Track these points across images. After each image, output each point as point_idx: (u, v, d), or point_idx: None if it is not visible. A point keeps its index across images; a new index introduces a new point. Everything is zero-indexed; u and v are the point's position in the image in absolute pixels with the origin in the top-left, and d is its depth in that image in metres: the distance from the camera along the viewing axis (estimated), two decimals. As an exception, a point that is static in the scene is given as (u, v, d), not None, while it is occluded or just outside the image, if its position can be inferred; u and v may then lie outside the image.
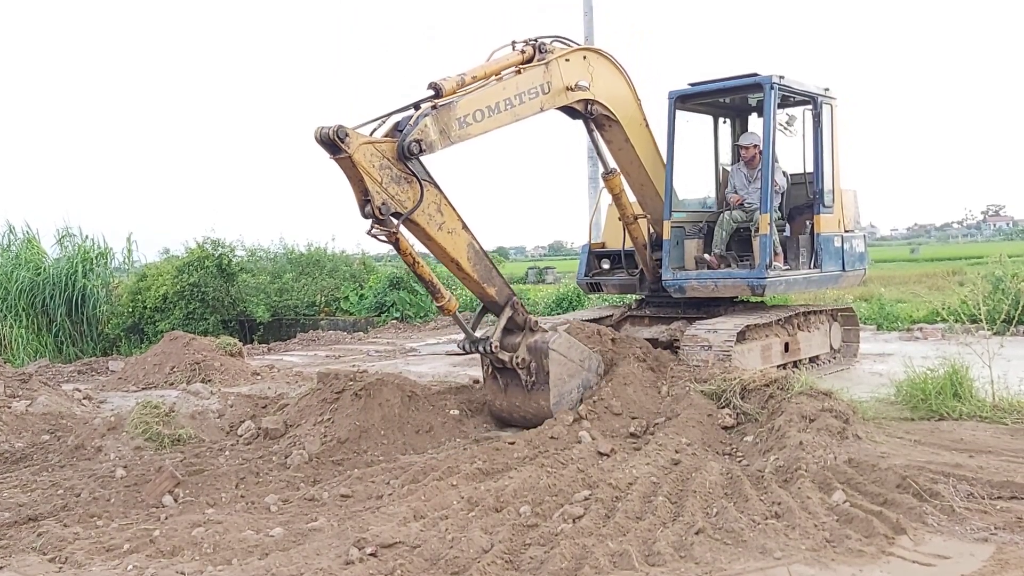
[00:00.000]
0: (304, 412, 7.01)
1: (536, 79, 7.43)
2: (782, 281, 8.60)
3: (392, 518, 4.60)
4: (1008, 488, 4.62)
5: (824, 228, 9.15)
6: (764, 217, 8.46)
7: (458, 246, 6.78)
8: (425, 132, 6.49)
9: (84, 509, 5.24)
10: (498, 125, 7.22)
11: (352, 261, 22.24)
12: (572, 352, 7.26)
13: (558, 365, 7.05)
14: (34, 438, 7.35)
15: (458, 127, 6.82)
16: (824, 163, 9.14)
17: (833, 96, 9.37)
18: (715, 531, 4.25)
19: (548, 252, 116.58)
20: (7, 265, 18.12)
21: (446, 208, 6.68)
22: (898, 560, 3.84)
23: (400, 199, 6.34)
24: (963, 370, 6.76)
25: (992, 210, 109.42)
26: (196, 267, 18.79)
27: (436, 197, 6.60)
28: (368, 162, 6.16)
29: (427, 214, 6.53)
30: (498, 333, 6.99)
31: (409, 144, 6.31)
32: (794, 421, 5.81)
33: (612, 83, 8.21)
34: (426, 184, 6.47)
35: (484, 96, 7.03)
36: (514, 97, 7.26)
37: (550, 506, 4.76)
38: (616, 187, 8.83)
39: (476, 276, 6.93)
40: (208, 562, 4.20)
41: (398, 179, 6.35)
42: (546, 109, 7.62)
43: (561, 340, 7.16)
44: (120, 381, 11.21)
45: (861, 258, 9.91)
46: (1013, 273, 11.80)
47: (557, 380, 7.03)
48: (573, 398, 7.18)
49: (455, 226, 6.74)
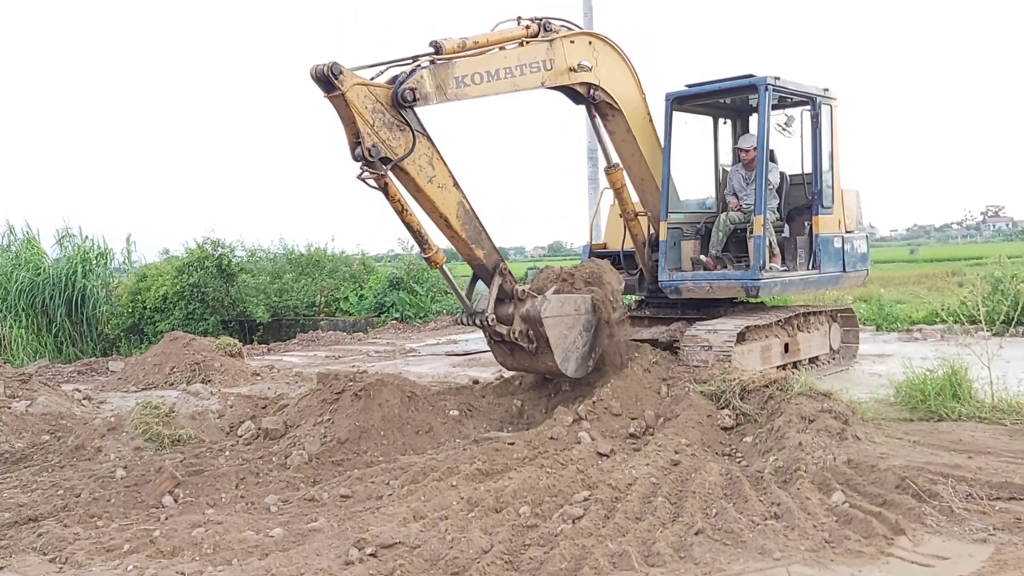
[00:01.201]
0: (304, 413, 7.01)
1: (539, 54, 7.54)
2: (777, 282, 8.59)
3: (392, 519, 4.61)
4: (1007, 489, 4.63)
5: (823, 229, 9.11)
6: (758, 218, 8.43)
7: (448, 202, 6.82)
8: (420, 83, 6.60)
9: (84, 509, 5.24)
10: (496, 91, 7.31)
11: (352, 261, 22.23)
12: (565, 308, 7.34)
13: (555, 327, 7.16)
14: (34, 438, 7.36)
15: (455, 85, 6.94)
16: (823, 163, 9.12)
17: (833, 96, 9.35)
18: (714, 532, 4.25)
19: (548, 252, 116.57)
20: (7, 265, 18.12)
21: (438, 163, 6.75)
22: (897, 561, 3.85)
23: (391, 144, 6.41)
24: (962, 371, 6.77)
25: (992, 211, 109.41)
26: (196, 267, 18.79)
27: (428, 150, 6.67)
28: (361, 103, 6.25)
29: (417, 165, 6.58)
30: (491, 304, 7.10)
31: (403, 91, 6.41)
32: (793, 422, 5.82)
33: (616, 72, 8.32)
34: (419, 135, 6.56)
35: (484, 61, 7.13)
36: (515, 67, 7.37)
37: (550, 507, 4.77)
38: (618, 181, 8.91)
39: (464, 235, 6.98)
40: (208, 562, 4.20)
41: (390, 125, 6.44)
42: (547, 85, 7.72)
43: (551, 305, 7.21)
44: (120, 381, 11.22)
45: (863, 259, 9.88)
46: (1012, 274, 11.82)
47: (558, 340, 7.17)
48: (579, 344, 7.36)
49: (446, 182, 6.80)
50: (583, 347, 7.36)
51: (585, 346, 7.40)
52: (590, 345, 7.44)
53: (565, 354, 7.23)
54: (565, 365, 7.25)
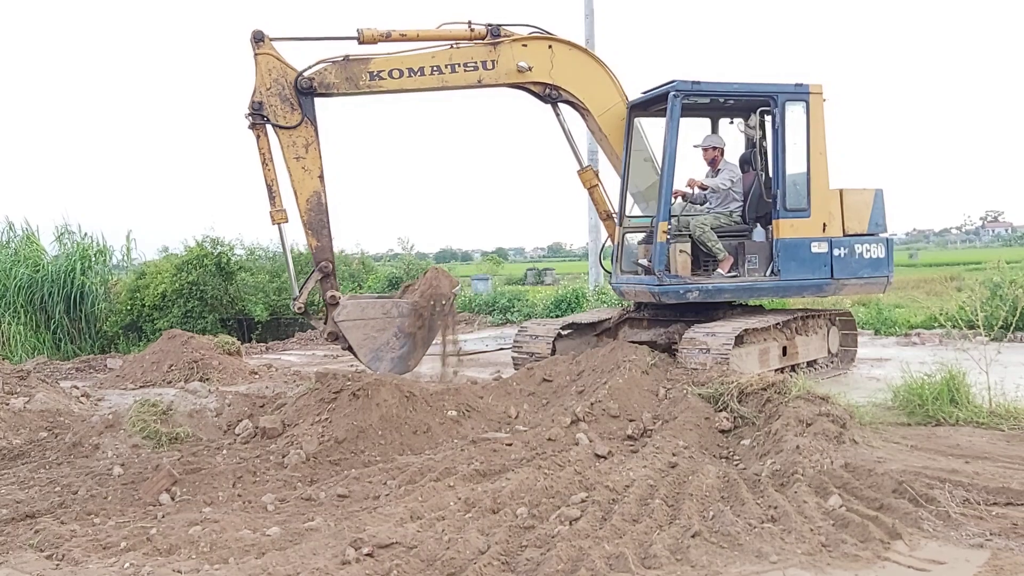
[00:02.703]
0: (302, 412, 7.01)
1: (477, 55, 8.47)
2: (694, 288, 8.44)
3: (389, 518, 4.61)
4: (1003, 494, 4.63)
5: (787, 232, 8.65)
6: (662, 224, 8.41)
7: (305, 185, 7.95)
8: (322, 75, 7.95)
9: (81, 507, 5.24)
10: (419, 87, 8.26)
11: (351, 261, 22.23)
12: (368, 312, 8.16)
13: (356, 330, 8.04)
14: (32, 435, 7.35)
15: (369, 79, 8.10)
16: (786, 164, 8.66)
17: (809, 92, 8.73)
18: (711, 534, 4.26)
19: (547, 253, 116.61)
20: (6, 262, 18.09)
21: (312, 151, 7.96)
22: (893, 565, 3.85)
23: (276, 112, 7.81)
24: (960, 376, 6.78)
25: (991, 216, 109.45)
26: (195, 265, 18.76)
27: (309, 136, 7.93)
28: (265, 69, 7.78)
29: (292, 140, 7.88)
30: (301, 293, 8.11)
31: (300, 79, 7.84)
32: (791, 425, 5.82)
33: (584, 74, 8.93)
34: (307, 121, 7.89)
35: (406, 58, 8.19)
36: (444, 66, 8.30)
37: (547, 508, 4.77)
38: (588, 181, 9.62)
39: (306, 219, 7.98)
40: (205, 561, 4.20)
41: (285, 99, 7.85)
42: (486, 84, 8.56)
43: (347, 310, 8.08)
44: (118, 379, 11.21)
45: (875, 265, 9.10)
46: (1011, 279, 11.82)
47: (363, 342, 8.06)
48: (395, 345, 8.19)
49: (313, 169, 7.94)
50: (400, 347, 8.10)
51: (403, 347, 8.14)
52: (410, 345, 8.19)
53: (375, 354, 8.05)
54: (376, 364, 8.03)
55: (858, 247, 9.03)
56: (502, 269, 44.46)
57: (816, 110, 8.76)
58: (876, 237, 9.18)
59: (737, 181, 9.09)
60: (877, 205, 9.23)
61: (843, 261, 8.92)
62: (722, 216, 8.99)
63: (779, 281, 8.71)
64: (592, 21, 17.37)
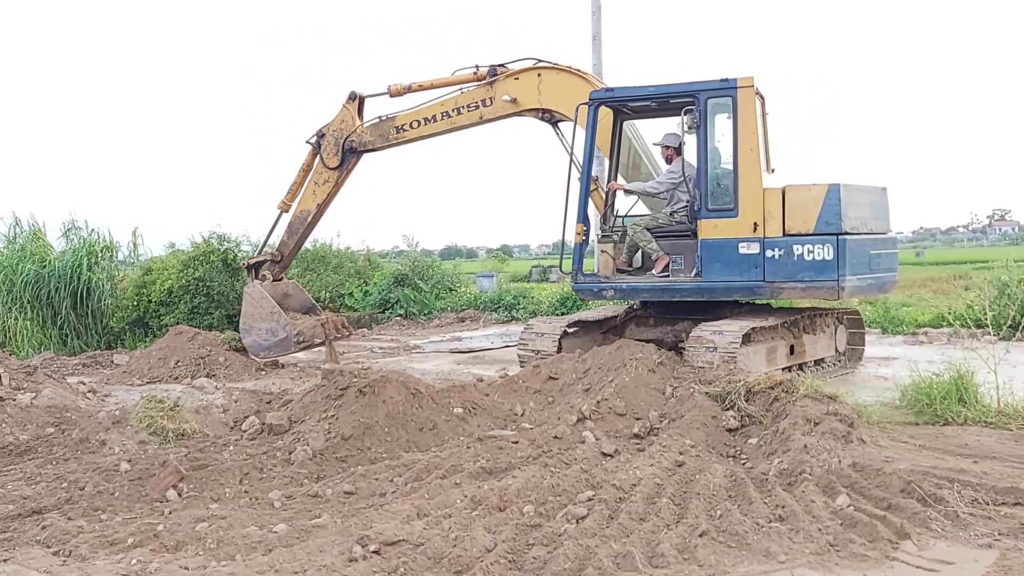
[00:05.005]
0: (308, 408, 7.01)
1: (477, 96, 9.60)
2: (608, 287, 8.77)
3: (395, 516, 4.60)
4: (1012, 494, 4.61)
5: (711, 233, 8.35)
6: (577, 227, 8.75)
7: (305, 202, 10.86)
8: (360, 136, 10.41)
9: (88, 503, 5.25)
10: (432, 132, 9.86)
11: (357, 257, 22.21)
12: (263, 304, 10.49)
13: (247, 303, 10.73)
14: (39, 431, 7.37)
15: (395, 132, 10.10)
16: (706, 162, 8.44)
17: (733, 86, 8.29)
18: (719, 533, 4.24)
19: (552, 251, 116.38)
20: (13, 258, 18.10)
21: (327, 187, 10.63)
22: (902, 565, 3.83)
23: (327, 149, 10.52)
24: (968, 375, 6.75)
25: (998, 214, 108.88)
26: (202, 261, 18.72)
27: (332, 179, 10.60)
28: (340, 118, 10.54)
29: (321, 171, 10.66)
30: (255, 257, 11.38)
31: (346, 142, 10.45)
32: (798, 424, 5.80)
33: (573, 93, 9.19)
34: (337, 171, 10.54)
35: (422, 110, 9.87)
36: (452, 111, 9.66)
37: (554, 506, 4.77)
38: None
39: (291, 220, 10.96)
40: (212, 557, 4.21)
41: (337, 145, 10.49)
42: (488, 119, 9.65)
43: (253, 289, 10.70)
44: (125, 375, 11.24)
45: (819, 268, 8.11)
46: (1019, 278, 11.78)
47: (246, 315, 10.73)
48: (261, 338, 10.58)
49: (318, 197, 10.72)
50: (263, 339, 10.53)
51: (265, 341, 10.52)
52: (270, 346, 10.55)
53: (247, 328, 10.67)
54: (244, 336, 10.75)
55: (797, 248, 8.17)
56: (507, 266, 44.37)
57: (745, 105, 8.28)
58: (824, 237, 8.14)
59: (682, 181, 8.91)
60: (830, 202, 8.18)
61: (778, 263, 8.21)
62: (661, 216, 9.04)
63: (701, 283, 8.43)
64: (599, 19, 17.32)
